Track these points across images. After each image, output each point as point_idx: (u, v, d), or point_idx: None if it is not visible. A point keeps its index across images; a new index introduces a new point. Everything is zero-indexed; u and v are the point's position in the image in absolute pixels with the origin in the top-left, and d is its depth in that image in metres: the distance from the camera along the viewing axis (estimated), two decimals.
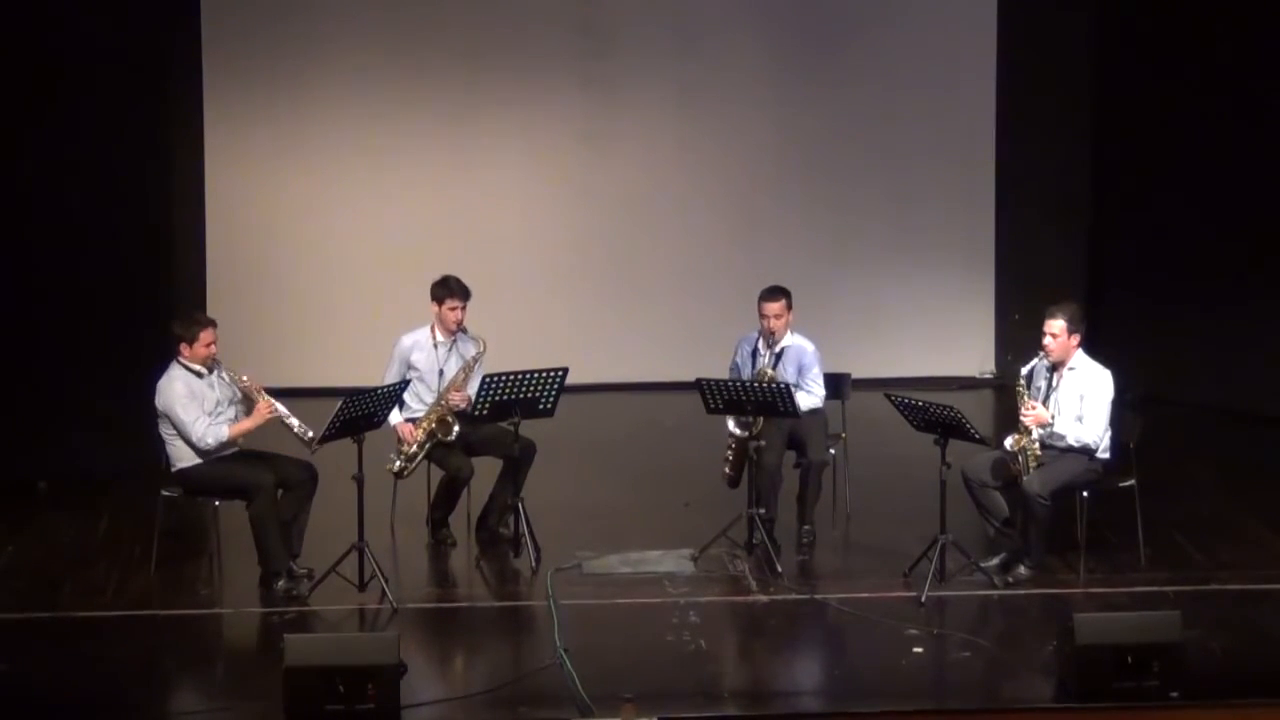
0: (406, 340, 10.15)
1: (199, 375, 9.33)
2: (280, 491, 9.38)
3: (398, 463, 9.92)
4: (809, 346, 10.12)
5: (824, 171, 14.06)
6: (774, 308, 10.04)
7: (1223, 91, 12.83)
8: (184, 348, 9.33)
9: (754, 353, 10.11)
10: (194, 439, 9.25)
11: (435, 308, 10.12)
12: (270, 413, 9.27)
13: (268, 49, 13.61)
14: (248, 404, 9.41)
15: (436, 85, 13.77)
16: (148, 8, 11.63)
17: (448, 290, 10.08)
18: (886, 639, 8.69)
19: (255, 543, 9.30)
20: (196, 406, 9.26)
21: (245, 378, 9.39)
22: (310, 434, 9.23)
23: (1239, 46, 12.74)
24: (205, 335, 9.34)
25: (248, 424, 9.36)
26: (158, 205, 11.81)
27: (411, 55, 13.71)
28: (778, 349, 10.06)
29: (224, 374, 9.41)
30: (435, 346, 10.11)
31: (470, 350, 10.12)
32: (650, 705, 7.55)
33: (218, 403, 9.37)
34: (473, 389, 9.85)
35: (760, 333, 10.09)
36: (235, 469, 9.36)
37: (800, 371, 10.05)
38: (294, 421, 9.24)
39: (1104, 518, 9.69)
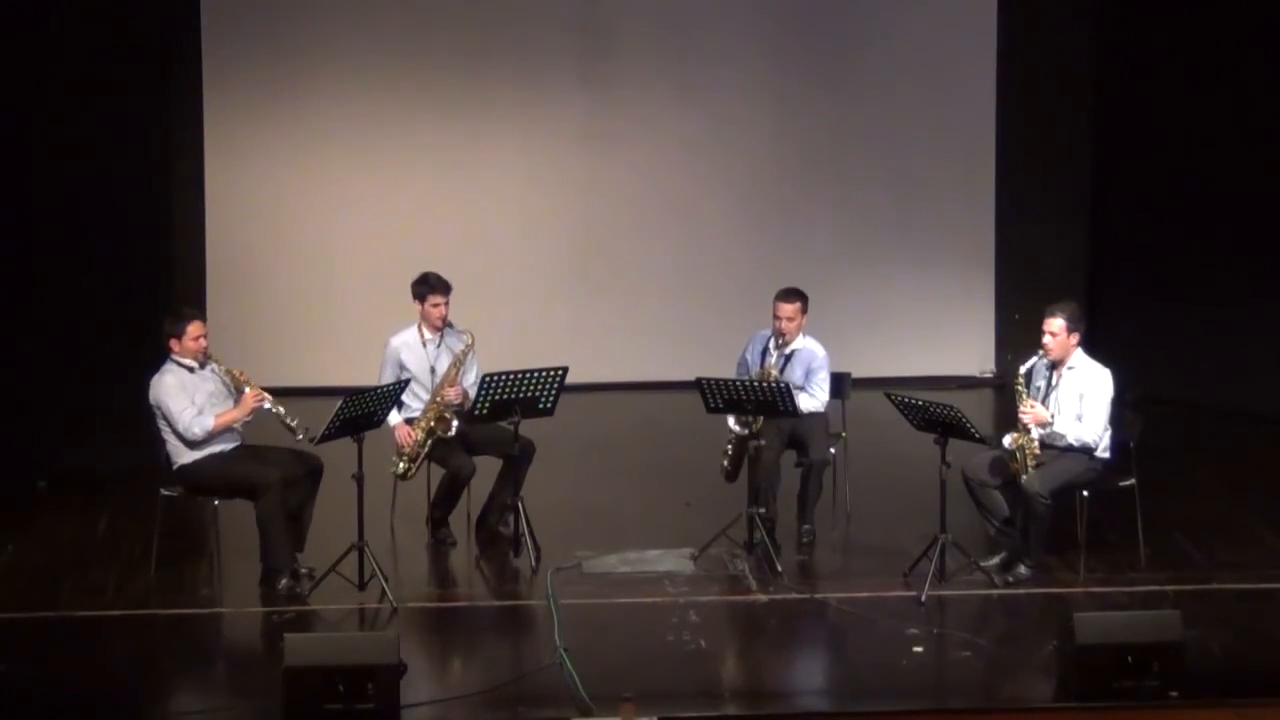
0: (395, 341, 10.12)
1: (190, 370, 9.33)
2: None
3: (400, 465, 9.91)
4: (819, 351, 10.07)
5: (824, 171, 14.05)
6: (788, 309, 10.00)
7: (1223, 92, 12.82)
8: (174, 343, 9.32)
9: (764, 351, 10.10)
10: (181, 429, 9.22)
11: (418, 306, 10.07)
12: (257, 402, 9.26)
13: (268, 48, 13.60)
14: (241, 396, 9.40)
15: (436, 85, 13.75)
16: (148, 8, 11.63)
17: (428, 287, 10.02)
18: (886, 639, 8.69)
19: (260, 540, 9.30)
20: (185, 398, 9.24)
21: (238, 371, 9.37)
22: (301, 434, 9.20)
23: (1239, 46, 12.73)
24: (193, 329, 9.31)
25: (234, 414, 9.33)
26: (158, 204, 11.81)
27: (411, 55, 13.70)
28: (788, 351, 10.03)
29: (215, 367, 9.39)
30: (424, 345, 10.08)
31: (458, 344, 10.07)
32: (650, 705, 7.55)
33: (211, 395, 9.35)
34: (466, 381, 9.87)
35: (772, 332, 10.09)
36: (239, 466, 9.35)
37: (807, 375, 10.02)
38: (280, 409, 9.21)
39: (1104, 517, 9.69)
